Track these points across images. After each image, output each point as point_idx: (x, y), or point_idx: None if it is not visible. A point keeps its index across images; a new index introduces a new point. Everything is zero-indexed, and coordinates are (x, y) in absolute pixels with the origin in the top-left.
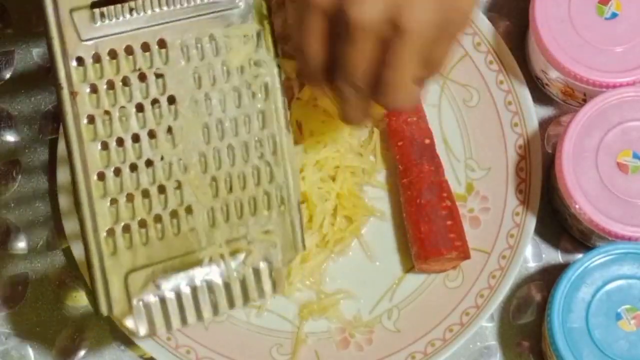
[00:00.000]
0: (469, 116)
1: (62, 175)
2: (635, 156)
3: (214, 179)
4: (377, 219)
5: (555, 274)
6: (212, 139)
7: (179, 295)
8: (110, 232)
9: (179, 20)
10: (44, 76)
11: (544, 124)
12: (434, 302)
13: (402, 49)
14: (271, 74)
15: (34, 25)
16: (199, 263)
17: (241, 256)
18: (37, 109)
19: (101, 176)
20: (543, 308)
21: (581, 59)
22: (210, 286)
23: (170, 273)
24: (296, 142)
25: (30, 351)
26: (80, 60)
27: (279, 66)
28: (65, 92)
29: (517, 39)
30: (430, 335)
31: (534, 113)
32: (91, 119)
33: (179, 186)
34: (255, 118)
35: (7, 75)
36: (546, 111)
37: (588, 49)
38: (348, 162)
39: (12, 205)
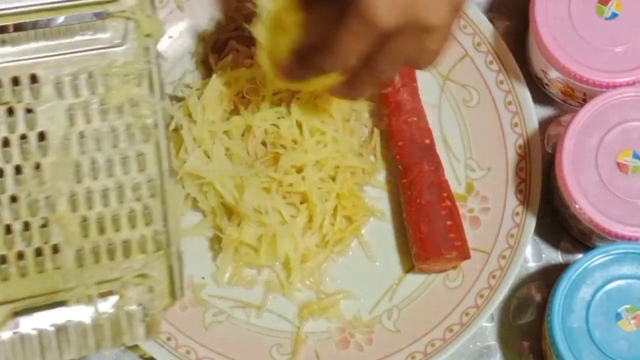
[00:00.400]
0: (469, 116)
1: None
2: (635, 156)
3: (84, 218)
4: (377, 219)
5: (555, 274)
6: (84, 178)
7: (41, 334)
8: None
9: (56, 55)
10: None
11: (544, 124)
12: (434, 302)
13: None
14: (154, 116)
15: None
16: (65, 303)
17: (114, 298)
18: None
19: None
20: (543, 308)
21: (581, 59)
22: (77, 327)
23: (33, 311)
24: (296, 141)
25: None
26: None
27: (163, 108)
28: None
29: (517, 39)
30: (430, 335)
31: (534, 113)
32: None
33: (45, 224)
34: (134, 159)
35: None
36: (546, 111)
37: (588, 49)
38: (348, 162)
39: None
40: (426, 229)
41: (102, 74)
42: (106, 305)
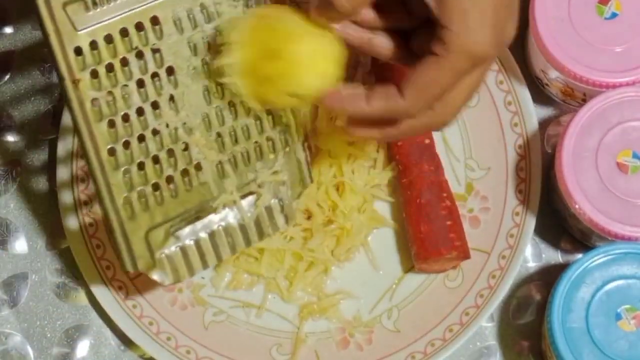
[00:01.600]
0: (469, 116)
1: (62, 174)
2: (635, 156)
3: (219, 135)
4: None
5: (555, 274)
6: (214, 99)
7: (197, 242)
8: (127, 200)
9: None
10: (44, 76)
11: (544, 124)
12: (434, 302)
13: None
14: None
15: (33, 25)
16: (213, 211)
17: (252, 198)
18: (37, 109)
19: (111, 151)
20: (543, 308)
21: (581, 59)
22: (226, 229)
23: (187, 224)
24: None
25: (30, 351)
26: (78, 50)
27: None
28: (68, 82)
29: (517, 39)
30: (430, 335)
31: (534, 113)
32: (95, 102)
33: (186, 148)
34: None
35: (7, 75)
36: (546, 111)
37: (588, 49)
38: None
39: (12, 205)
40: (426, 228)
41: (214, 3)
42: (248, 205)
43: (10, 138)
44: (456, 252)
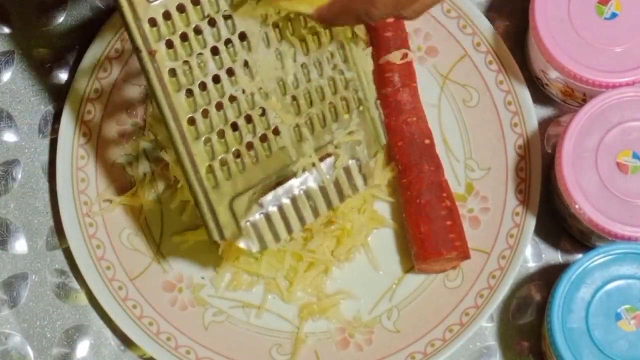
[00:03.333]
0: (469, 116)
1: (62, 174)
2: (635, 156)
3: (294, 98)
4: None
5: (555, 274)
6: (287, 63)
7: (280, 208)
8: (209, 169)
9: None
10: (44, 76)
11: (544, 124)
12: (434, 302)
13: None
14: None
15: (34, 25)
16: (293, 175)
17: (330, 160)
18: (37, 109)
19: (191, 121)
20: (543, 308)
21: (581, 59)
22: (307, 193)
23: (269, 191)
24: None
25: (30, 351)
26: (152, 22)
27: None
28: (145, 54)
29: (517, 39)
30: (430, 336)
31: (534, 113)
32: (172, 72)
33: (263, 113)
34: (323, 34)
35: (7, 75)
36: (546, 111)
37: (588, 49)
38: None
39: (12, 205)
40: (426, 229)
41: None
42: (327, 168)
43: (10, 138)
44: (456, 252)
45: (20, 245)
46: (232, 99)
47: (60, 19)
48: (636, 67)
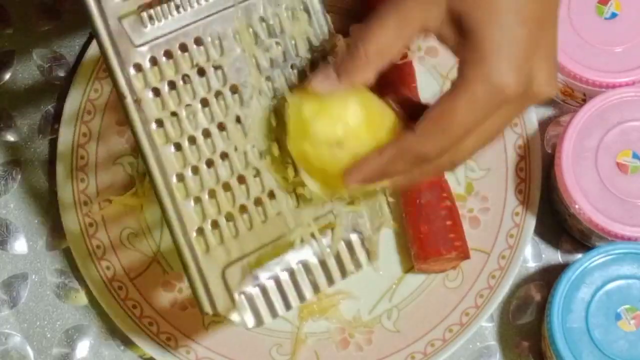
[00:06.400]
0: None
1: (62, 174)
2: (635, 156)
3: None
4: None
5: (555, 274)
6: (281, 122)
7: (278, 282)
8: (200, 231)
9: (226, 9)
10: (44, 76)
11: (544, 124)
12: (434, 302)
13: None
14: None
15: (34, 25)
16: (291, 246)
17: (331, 233)
18: (37, 109)
19: (180, 177)
20: (543, 308)
21: (581, 59)
22: (306, 267)
23: (265, 261)
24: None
25: (30, 351)
26: (138, 67)
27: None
28: (130, 101)
29: None
30: (430, 336)
31: (534, 113)
32: (160, 123)
33: (257, 173)
34: None
35: (7, 75)
36: (546, 111)
37: (588, 49)
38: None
39: (12, 205)
40: (426, 229)
41: (272, 15)
42: (326, 240)
43: (10, 138)
44: (456, 252)
45: (20, 245)
46: (224, 156)
47: (60, 19)
48: (636, 67)
